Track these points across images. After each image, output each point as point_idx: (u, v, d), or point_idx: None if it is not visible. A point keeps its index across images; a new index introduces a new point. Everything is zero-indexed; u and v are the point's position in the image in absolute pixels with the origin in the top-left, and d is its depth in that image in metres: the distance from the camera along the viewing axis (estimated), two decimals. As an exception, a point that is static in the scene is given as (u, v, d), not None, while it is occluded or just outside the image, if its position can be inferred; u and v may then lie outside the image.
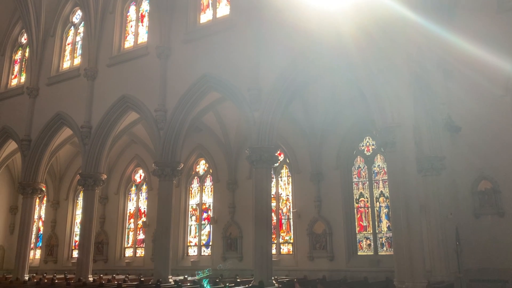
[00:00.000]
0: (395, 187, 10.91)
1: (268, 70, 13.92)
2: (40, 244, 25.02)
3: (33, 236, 23.10)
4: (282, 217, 19.09)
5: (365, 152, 17.82)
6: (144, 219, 22.39)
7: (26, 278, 17.77)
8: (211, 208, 20.70)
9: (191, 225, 21.15)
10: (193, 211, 21.29)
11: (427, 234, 13.54)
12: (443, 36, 13.76)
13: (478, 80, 14.10)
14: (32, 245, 22.08)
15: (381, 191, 17.06)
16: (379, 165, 17.39)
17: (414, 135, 11.72)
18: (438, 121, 14.20)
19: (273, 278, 12.93)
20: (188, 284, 14.00)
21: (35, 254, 24.87)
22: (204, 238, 20.68)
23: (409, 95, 11.47)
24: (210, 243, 20.24)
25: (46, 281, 15.86)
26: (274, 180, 18.80)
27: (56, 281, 15.41)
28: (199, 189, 21.44)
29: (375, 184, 17.34)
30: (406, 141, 11.00)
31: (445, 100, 14.19)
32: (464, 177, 14.38)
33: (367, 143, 17.85)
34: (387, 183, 15.20)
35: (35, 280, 16.09)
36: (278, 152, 17.33)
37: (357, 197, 17.51)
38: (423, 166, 14.12)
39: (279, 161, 18.01)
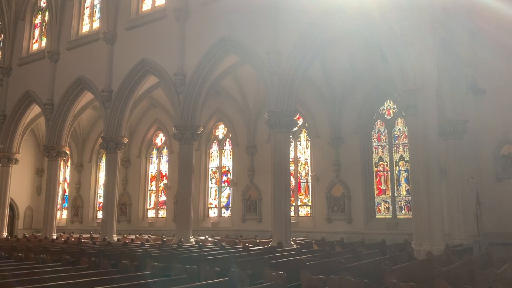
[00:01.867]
0: (415, 151, 10.83)
1: (287, 32, 13.66)
2: (66, 205, 25.95)
3: (59, 197, 23.92)
4: (301, 180, 19.25)
5: (385, 115, 17.60)
6: (165, 181, 22.89)
7: (54, 237, 18.56)
8: (231, 171, 20.98)
9: (211, 187, 21.54)
10: (213, 174, 21.63)
11: (447, 197, 13.52)
12: (470, -5, 13.20)
13: (506, 41, 13.60)
14: (58, 206, 22.90)
15: (401, 155, 16.96)
16: (399, 128, 17.20)
17: (437, 98, 11.49)
18: (462, 84, 13.86)
19: (291, 239, 13.21)
20: (209, 244, 14.42)
21: (62, 215, 25.84)
22: (224, 200, 21.09)
23: (432, 57, 11.16)
24: (230, 205, 20.65)
25: (73, 239, 16.55)
26: (292, 144, 18.85)
27: (83, 240, 16.07)
28: (218, 152, 21.68)
29: (395, 148, 17.22)
30: (428, 105, 10.81)
31: (469, 62, 13.78)
32: (487, 140, 14.15)
33: (388, 107, 17.60)
34: (407, 147, 15.11)
35: (63, 239, 16.81)
36: (297, 116, 17.23)
37: (377, 161, 17.47)
38: (445, 130, 13.92)
39: (298, 125, 17.98)
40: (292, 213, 16.87)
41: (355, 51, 16.14)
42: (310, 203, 18.75)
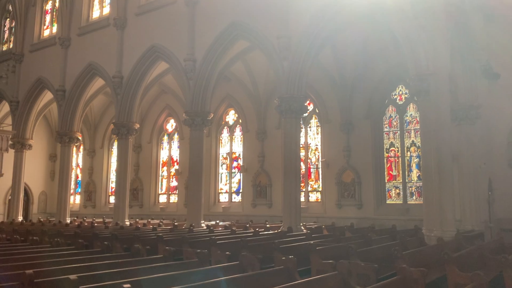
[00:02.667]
0: (427, 136, 10.74)
1: (297, 17, 13.50)
2: (79, 190, 26.31)
3: (72, 183, 24.26)
4: (311, 166, 19.25)
5: (397, 101, 17.43)
6: (176, 167, 23.05)
7: (68, 221, 18.87)
8: (241, 157, 21.04)
9: (222, 173, 21.65)
10: (224, 160, 21.72)
11: (459, 183, 13.42)
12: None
13: (522, 24, 13.28)
14: (71, 191, 23.23)
15: (413, 141, 16.84)
16: (411, 114, 17.04)
17: (449, 83, 11.33)
18: (476, 68, 13.62)
19: (301, 224, 13.27)
20: (220, 228, 14.55)
21: (75, 199, 26.22)
22: (234, 186, 21.21)
23: (446, 41, 10.97)
24: (241, 191, 20.76)
25: (86, 224, 16.82)
26: (303, 130, 18.79)
27: (96, 224, 16.32)
28: (229, 138, 21.72)
29: (406, 133, 17.09)
30: (440, 90, 10.67)
31: (484, 45, 13.51)
32: (501, 126, 13.95)
33: (400, 92, 17.42)
34: (419, 132, 14.98)
35: (76, 223, 17.08)
36: (308, 101, 17.14)
37: (388, 147, 17.37)
38: (458, 115, 13.75)
39: (308, 111, 17.89)
40: (302, 199, 16.88)
41: (367, 35, 15.93)
42: (320, 189, 18.76)
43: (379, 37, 15.48)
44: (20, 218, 21.03)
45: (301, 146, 15.38)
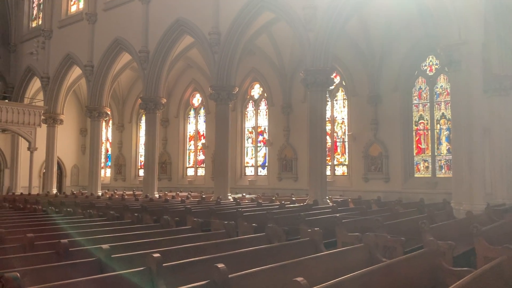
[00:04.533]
0: (458, 108, 10.45)
1: (324, -14, 13.16)
2: (110, 164, 27.01)
3: (103, 156, 24.90)
4: (337, 140, 19.10)
5: (427, 72, 16.94)
6: (203, 141, 23.30)
7: (99, 193, 19.50)
8: (267, 131, 21.05)
9: (248, 147, 21.77)
10: (249, 134, 21.79)
11: (490, 156, 13.08)
12: None
13: None
14: (102, 165, 23.88)
15: (443, 113, 16.42)
16: (442, 85, 16.56)
17: (483, 53, 10.90)
18: (511, 37, 13.04)
19: (327, 197, 13.29)
20: (246, 201, 14.74)
21: (106, 173, 26.96)
22: (260, 160, 21.32)
23: (479, 9, 10.50)
24: (266, 164, 20.87)
25: (117, 196, 17.31)
26: (329, 103, 18.57)
27: (126, 196, 16.78)
28: (254, 112, 21.71)
29: (436, 105, 16.66)
30: (473, 60, 10.29)
31: (521, 12, 12.88)
32: (536, 97, 13.41)
33: (430, 63, 16.89)
34: (449, 104, 14.59)
35: (107, 196, 17.61)
36: (334, 74, 16.84)
37: (417, 120, 17.01)
38: (490, 86, 13.26)
39: (334, 84, 17.57)
40: (328, 172, 16.86)
41: (395, 4, 15.37)
42: (346, 163, 18.65)
43: (409, 5, 14.96)
44: (54, 191, 21.84)
45: (327, 119, 15.25)
